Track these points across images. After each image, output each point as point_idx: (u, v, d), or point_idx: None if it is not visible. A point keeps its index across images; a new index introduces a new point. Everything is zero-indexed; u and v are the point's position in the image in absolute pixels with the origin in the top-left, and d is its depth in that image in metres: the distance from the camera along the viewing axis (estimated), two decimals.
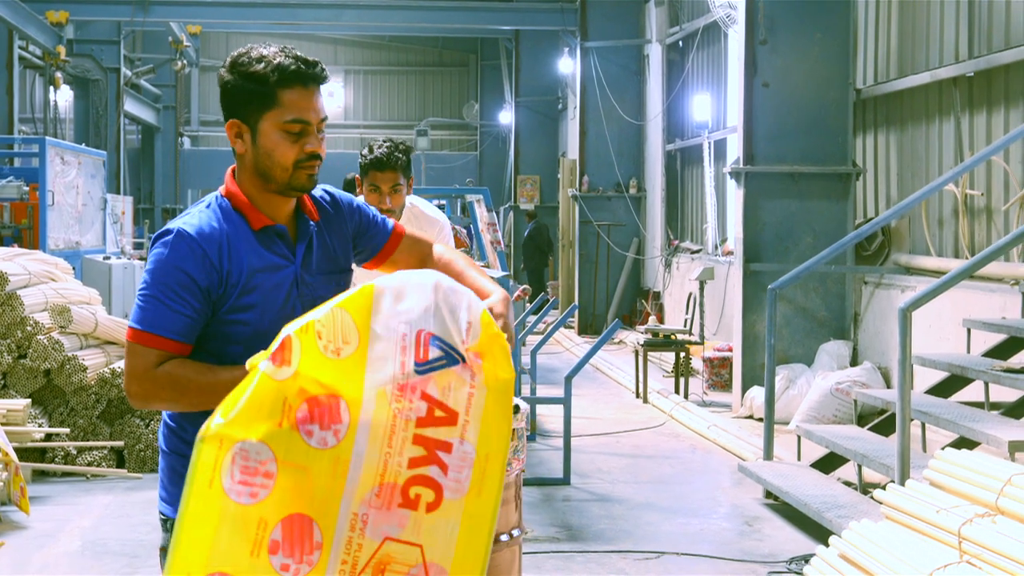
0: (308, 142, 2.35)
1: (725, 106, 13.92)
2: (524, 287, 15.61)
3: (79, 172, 13.52)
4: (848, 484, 6.45)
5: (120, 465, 7.47)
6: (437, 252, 2.55)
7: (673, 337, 10.95)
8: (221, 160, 25.42)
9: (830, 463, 6.81)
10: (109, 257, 13.36)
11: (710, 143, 13.95)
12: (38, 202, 12.38)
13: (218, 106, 2.42)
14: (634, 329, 14.93)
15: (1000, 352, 6.61)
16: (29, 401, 7.20)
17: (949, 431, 6.04)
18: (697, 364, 11.61)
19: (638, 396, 10.84)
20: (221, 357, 2.33)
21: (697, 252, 14.50)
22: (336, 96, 30.77)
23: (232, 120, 2.36)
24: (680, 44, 15.66)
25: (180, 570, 1.92)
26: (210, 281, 2.30)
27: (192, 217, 2.36)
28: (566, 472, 7.32)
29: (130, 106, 22.68)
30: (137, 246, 18.28)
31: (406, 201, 4.70)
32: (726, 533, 6.24)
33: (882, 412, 7.06)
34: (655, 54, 16.42)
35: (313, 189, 2.45)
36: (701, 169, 14.40)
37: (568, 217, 18.41)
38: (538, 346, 10.56)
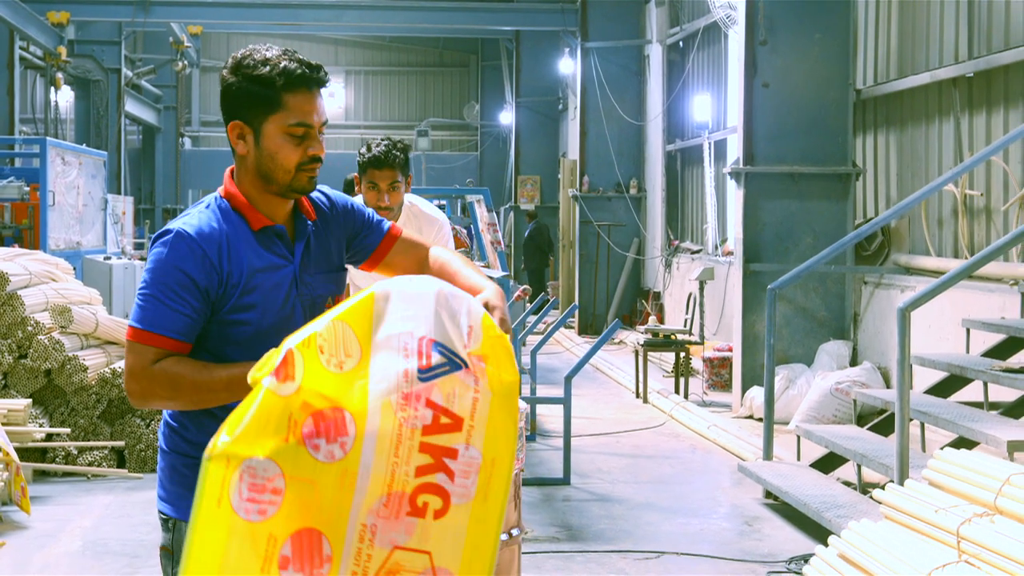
0: (310, 145, 2.37)
1: (725, 106, 13.92)
2: (524, 287, 15.62)
3: (80, 172, 13.53)
4: (847, 484, 6.46)
5: (121, 465, 7.48)
6: (433, 255, 2.55)
7: (673, 337, 10.96)
8: (222, 160, 25.40)
9: (830, 463, 6.82)
10: (110, 257, 13.36)
11: (710, 143, 13.95)
12: (39, 202, 12.38)
13: (219, 107, 2.43)
14: (634, 329, 14.93)
15: (999, 352, 6.62)
16: (30, 401, 7.21)
17: (948, 431, 6.05)
18: (697, 364, 11.61)
19: (638, 396, 10.85)
20: (220, 357, 2.35)
21: (697, 252, 14.51)
22: (337, 97, 30.77)
23: (235, 122, 2.37)
24: (680, 44, 15.66)
25: None
26: (209, 281, 2.31)
27: (191, 218, 2.37)
28: (566, 472, 7.33)
29: (131, 106, 22.69)
30: (138, 246, 18.28)
31: (405, 200, 4.72)
32: (726, 533, 6.25)
33: (881, 412, 7.07)
34: (655, 54, 16.43)
35: (313, 191, 2.46)
36: (701, 169, 14.40)
37: (568, 217, 18.42)
38: (538, 346, 10.57)
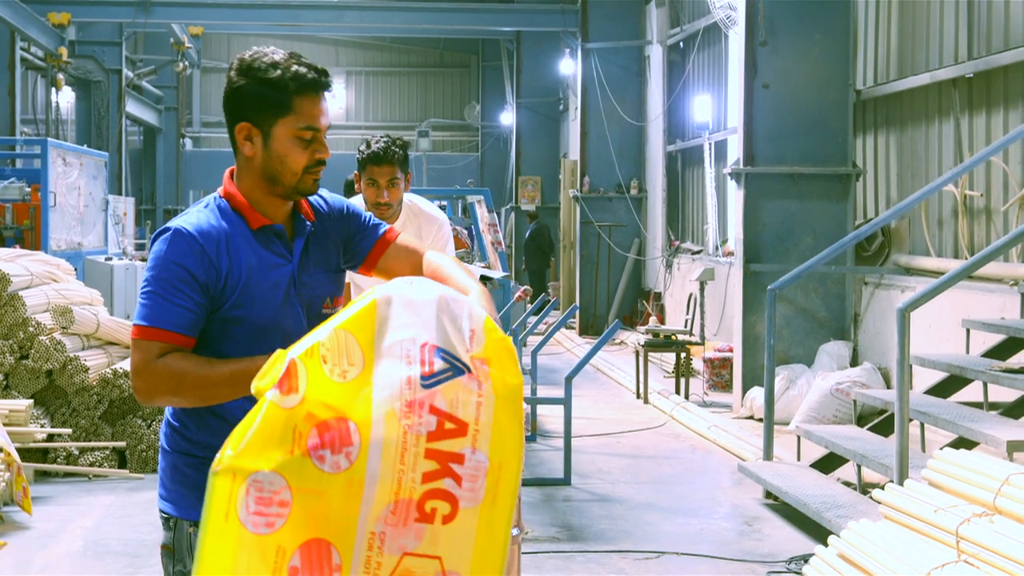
0: (317, 148, 2.40)
1: (726, 107, 13.93)
2: (525, 288, 15.63)
3: (81, 173, 13.54)
4: (847, 484, 6.46)
5: (122, 465, 7.50)
6: (426, 260, 2.55)
7: (674, 338, 10.97)
8: (223, 161, 25.37)
9: (830, 463, 6.83)
10: (111, 258, 13.37)
11: (711, 144, 13.96)
12: (40, 203, 12.40)
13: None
14: (635, 330, 14.94)
15: (999, 352, 6.62)
16: (31, 402, 7.22)
17: (948, 431, 6.06)
18: (698, 365, 11.62)
19: (639, 397, 10.86)
20: (218, 354, 2.36)
21: (698, 253, 14.52)
22: (337, 97, 30.77)
23: (243, 123, 2.38)
24: (681, 45, 15.67)
25: None
26: (208, 277, 2.33)
27: (190, 216, 2.39)
28: (566, 472, 7.34)
29: (132, 107, 22.71)
30: (139, 247, 18.29)
31: (406, 199, 4.73)
32: (726, 533, 6.26)
33: (881, 412, 7.08)
34: (656, 55, 16.44)
35: (316, 193, 2.49)
36: (702, 170, 14.41)
37: (569, 218, 18.44)
38: (539, 347, 10.57)
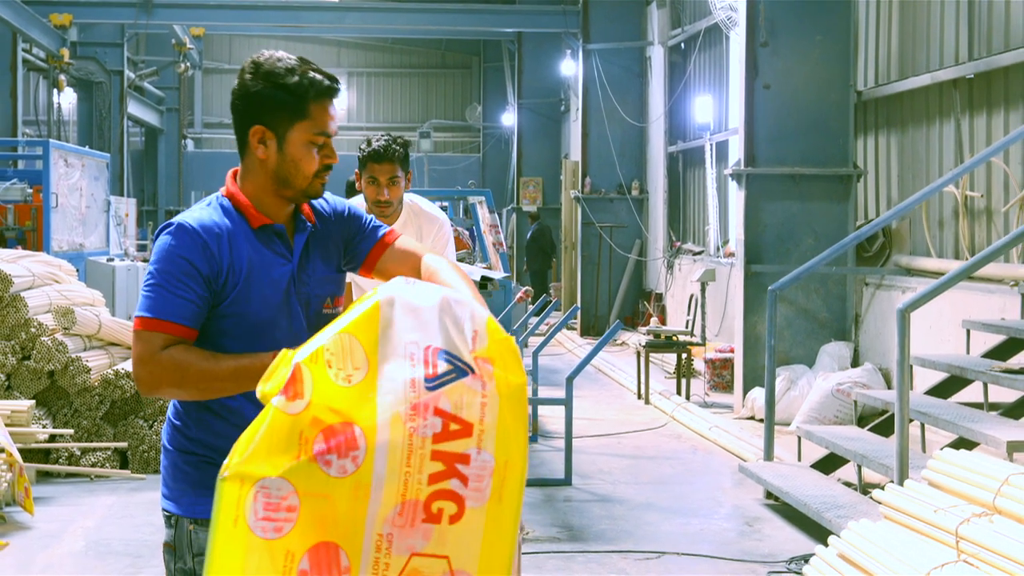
0: (328, 154, 2.45)
1: (727, 108, 13.94)
2: (527, 289, 15.66)
3: (83, 174, 13.55)
4: (848, 484, 6.47)
5: (123, 466, 7.51)
6: (424, 263, 2.55)
7: (675, 338, 10.98)
8: (224, 162, 25.34)
9: (830, 464, 6.83)
10: (113, 259, 13.39)
11: (712, 145, 13.96)
12: (42, 204, 12.41)
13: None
14: (636, 330, 14.94)
15: (999, 353, 6.63)
16: (33, 402, 7.24)
17: (948, 431, 6.07)
18: (699, 365, 11.62)
19: (640, 397, 10.87)
20: (218, 349, 2.37)
21: (699, 254, 14.52)
22: (339, 98, 30.76)
23: (257, 126, 2.41)
24: (682, 46, 15.68)
25: None
26: (211, 271, 2.35)
27: (194, 212, 2.43)
28: (567, 473, 7.34)
29: (133, 108, 22.74)
30: (140, 248, 18.31)
31: (406, 199, 4.74)
32: (726, 533, 6.26)
33: (882, 413, 7.09)
34: (657, 56, 16.45)
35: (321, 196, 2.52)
36: (703, 171, 14.42)
37: (570, 219, 18.45)
38: (540, 347, 10.57)
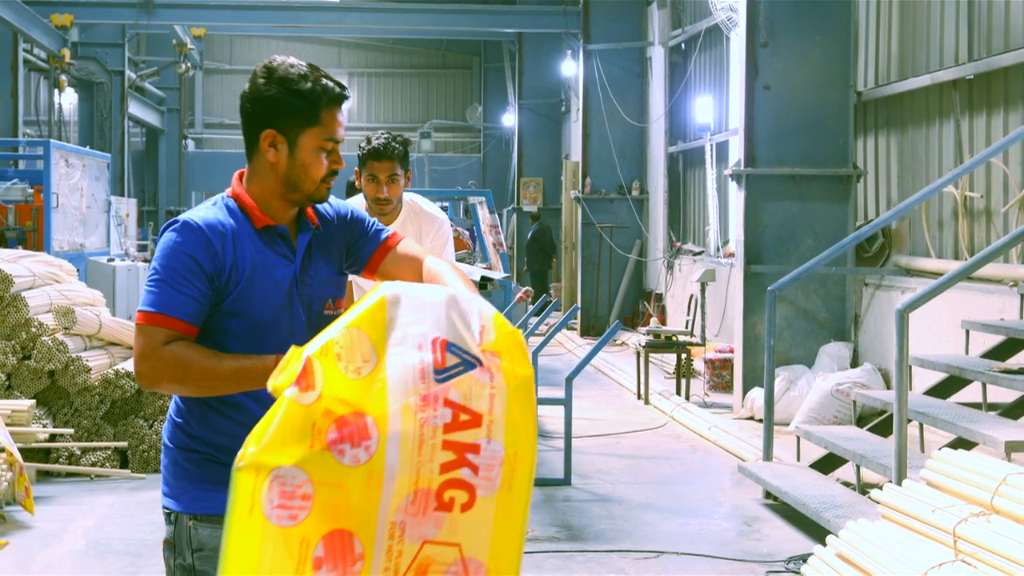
0: (335, 160, 2.49)
1: (727, 108, 13.95)
2: (527, 289, 15.66)
3: (83, 174, 13.56)
4: (847, 484, 6.48)
5: (124, 466, 7.52)
6: (426, 266, 2.58)
7: (675, 339, 10.99)
8: (225, 162, 25.45)
9: (829, 464, 6.85)
10: (113, 259, 13.40)
11: (712, 145, 13.97)
12: (42, 204, 12.41)
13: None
14: (636, 331, 14.95)
15: (998, 353, 6.64)
16: (33, 402, 7.25)
17: (947, 432, 6.08)
18: (698, 365, 11.63)
19: (639, 397, 10.88)
20: (219, 348, 2.39)
21: (699, 254, 14.53)
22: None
23: (269, 130, 2.44)
24: (682, 47, 15.68)
25: None
26: (214, 269, 2.38)
27: (199, 211, 2.46)
28: (567, 473, 7.35)
29: (134, 109, 22.75)
30: (141, 248, 18.33)
31: (407, 198, 4.74)
32: (725, 533, 6.27)
33: (881, 413, 7.10)
34: (657, 56, 16.46)
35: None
36: (703, 171, 14.42)
37: (571, 219, 18.45)
38: (540, 347, 10.53)
